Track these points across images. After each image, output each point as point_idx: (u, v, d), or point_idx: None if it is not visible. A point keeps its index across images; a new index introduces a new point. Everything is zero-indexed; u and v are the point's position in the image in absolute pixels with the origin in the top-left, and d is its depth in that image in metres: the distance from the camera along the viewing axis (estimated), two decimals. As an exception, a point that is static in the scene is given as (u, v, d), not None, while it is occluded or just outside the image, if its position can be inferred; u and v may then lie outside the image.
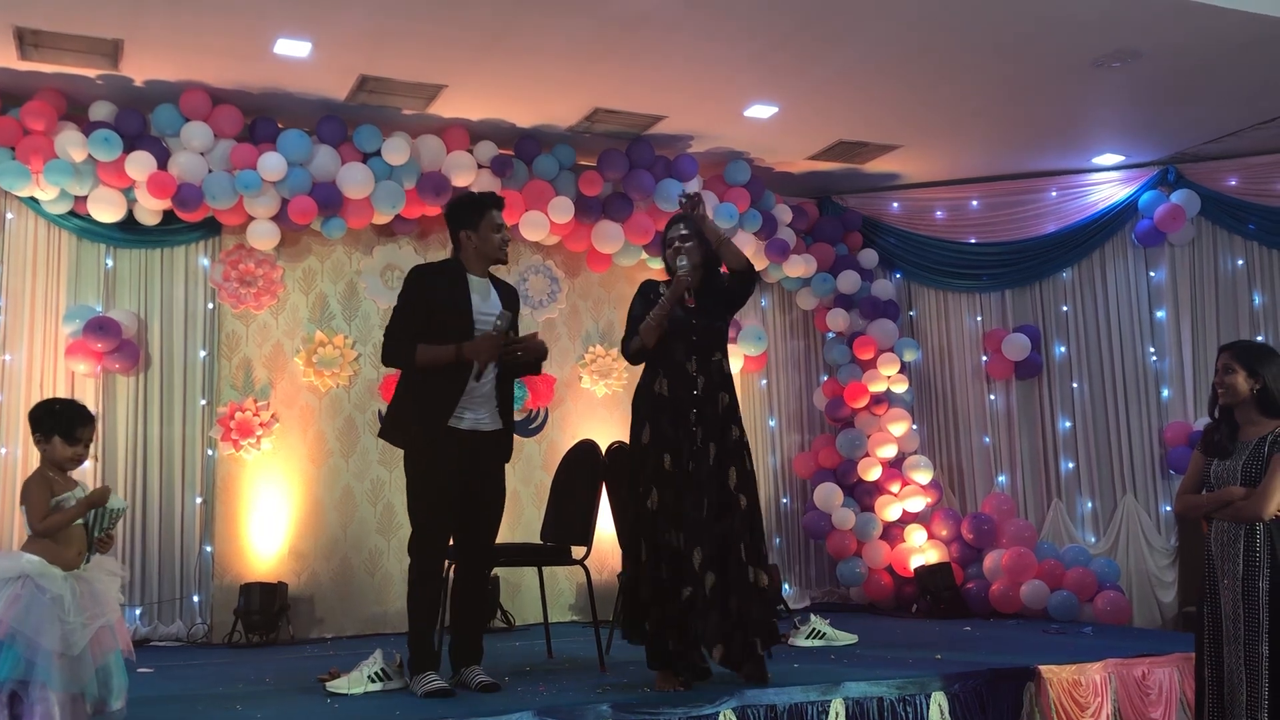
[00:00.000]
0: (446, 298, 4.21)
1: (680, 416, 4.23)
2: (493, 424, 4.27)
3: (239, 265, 6.57)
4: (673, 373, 4.28)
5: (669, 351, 4.29)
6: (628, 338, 4.39)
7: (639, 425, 4.31)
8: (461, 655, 4.28)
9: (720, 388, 4.32)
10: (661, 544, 4.15)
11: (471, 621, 4.35)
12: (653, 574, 4.15)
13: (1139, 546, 7.27)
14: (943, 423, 7.97)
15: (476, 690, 4.13)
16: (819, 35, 5.52)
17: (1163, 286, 7.47)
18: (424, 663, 4.15)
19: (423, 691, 4.04)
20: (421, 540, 4.18)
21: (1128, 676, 4.83)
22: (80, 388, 6.22)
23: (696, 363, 4.29)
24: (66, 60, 5.64)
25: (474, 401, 4.19)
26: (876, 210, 8.16)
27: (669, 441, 4.21)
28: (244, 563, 6.40)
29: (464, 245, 4.31)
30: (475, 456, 4.20)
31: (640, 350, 4.32)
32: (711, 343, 4.37)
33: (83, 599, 3.33)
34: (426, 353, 4.13)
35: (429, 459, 4.16)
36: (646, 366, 4.37)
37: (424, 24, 5.32)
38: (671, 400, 4.25)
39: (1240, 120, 6.76)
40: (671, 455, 4.20)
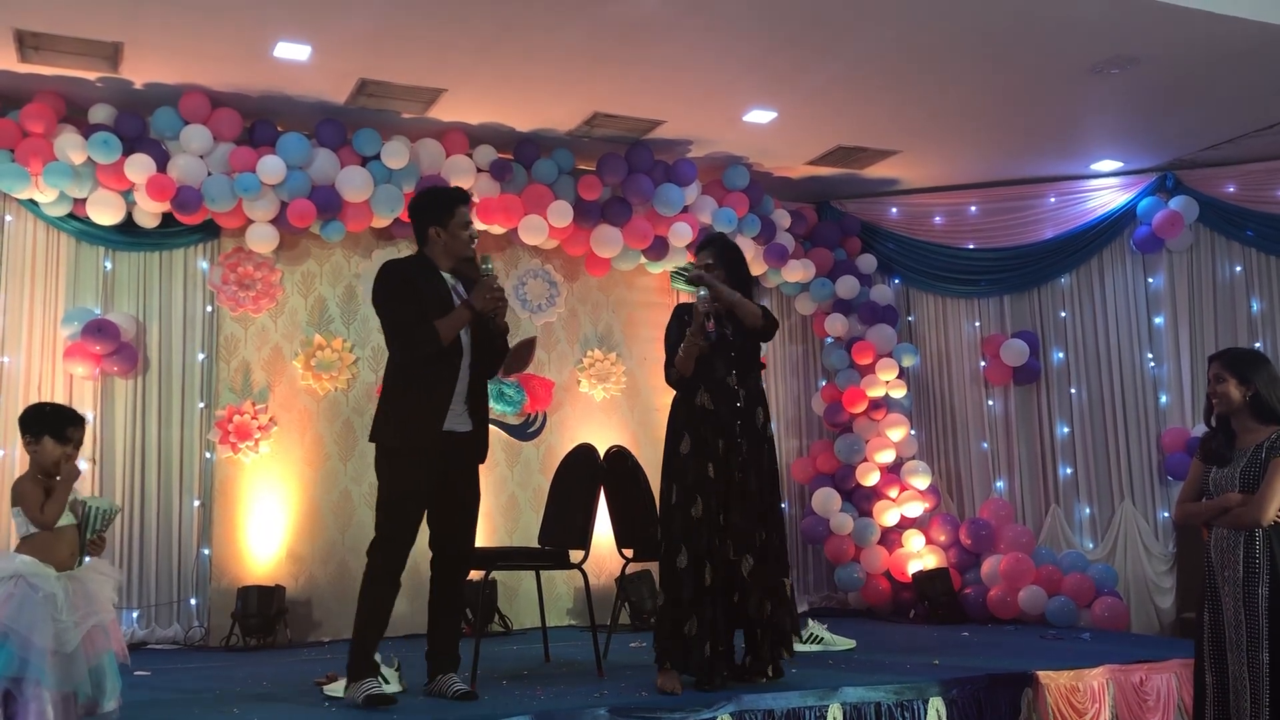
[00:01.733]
0: (429, 291, 4.13)
1: (725, 428, 4.38)
2: (467, 425, 4.17)
3: (238, 268, 6.57)
4: (715, 387, 4.42)
5: (710, 368, 4.43)
6: (668, 365, 4.54)
7: (677, 436, 4.44)
8: (438, 662, 4.22)
9: (759, 402, 4.52)
10: (704, 551, 4.26)
11: (447, 628, 4.27)
12: (695, 580, 4.24)
13: (1137, 552, 7.27)
14: (941, 428, 7.97)
15: (452, 699, 4.06)
16: (817, 40, 5.53)
17: (1161, 293, 7.47)
18: (364, 669, 4.05)
19: (364, 698, 3.94)
20: (386, 544, 4.08)
21: (1125, 682, 4.83)
22: (78, 390, 6.22)
23: (737, 377, 4.46)
24: (66, 63, 5.64)
25: (453, 399, 4.13)
26: (875, 215, 8.16)
27: (713, 452, 4.33)
28: (241, 566, 6.39)
29: (432, 241, 4.21)
30: (450, 459, 4.13)
31: (681, 379, 4.48)
32: (750, 358, 4.54)
33: (76, 598, 3.33)
34: (445, 325, 4.05)
35: (411, 462, 4.07)
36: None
37: (423, 28, 5.33)
38: (715, 413, 4.39)
39: (1238, 127, 6.77)
40: (715, 465, 4.33)
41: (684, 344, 4.39)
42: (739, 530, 4.29)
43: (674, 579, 4.30)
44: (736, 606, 4.31)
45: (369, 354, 6.83)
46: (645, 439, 7.36)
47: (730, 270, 4.57)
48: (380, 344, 6.83)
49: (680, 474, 4.37)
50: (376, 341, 6.84)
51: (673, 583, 4.30)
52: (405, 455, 4.08)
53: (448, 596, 4.27)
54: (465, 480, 4.23)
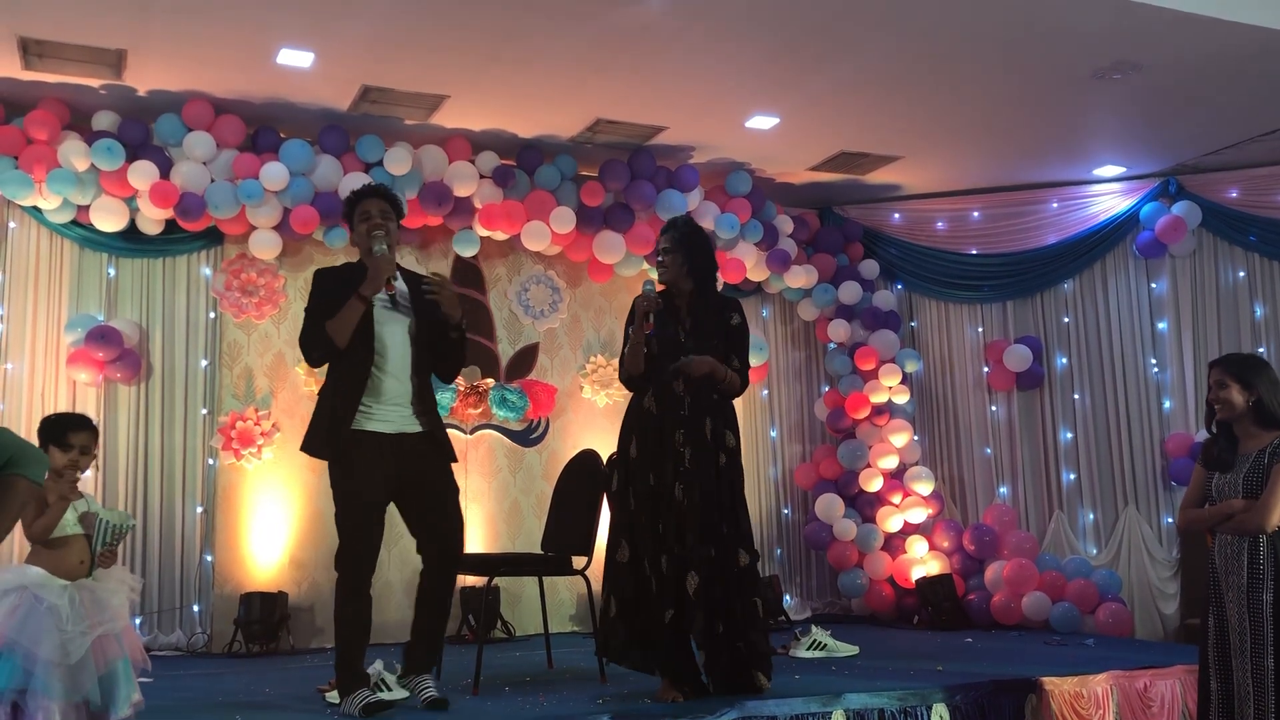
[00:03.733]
0: (341, 294, 3.98)
1: (666, 435, 4.21)
2: (420, 425, 4.05)
3: (241, 275, 6.57)
4: (660, 391, 4.25)
5: (659, 369, 4.26)
6: (620, 362, 4.38)
7: (626, 438, 4.33)
8: (412, 660, 4.11)
9: (711, 412, 4.25)
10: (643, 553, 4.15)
11: (426, 627, 4.13)
12: (634, 575, 4.15)
13: (1141, 558, 7.26)
14: (944, 434, 7.96)
15: (423, 707, 3.96)
16: (819, 47, 5.53)
17: (1164, 298, 7.47)
18: (352, 683, 3.98)
19: (360, 709, 3.87)
20: (344, 555, 3.98)
21: (1130, 688, 4.82)
22: (82, 397, 6.23)
23: (684, 382, 4.25)
24: (70, 70, 5.66)
25: (388, 402, 4.00)
26: (878, 221, 8.16)
27: (654, 460, 4.20)
28: (244, 572, 6.39)
29: (356, 247, 4.20)
30: (407, 460, 4.00)
31: (630, 378, 4.32)
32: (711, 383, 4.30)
33: (85, 607, 3.33)
34: (333, 321, 3.93)
35: (345, 468, 3.98)
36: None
37: (426, 35, 5.34)
38: (658, 417, 4.23)
39: (1241, 132, 6.77)
40: (655, 474, 4.19)
41: (629, 342, 4.26)
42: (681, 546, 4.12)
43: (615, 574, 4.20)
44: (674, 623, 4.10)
45: (372, 360, 6.82)
46: (648, 445, 7.36)
47: (690, 257, 4.32)
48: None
49: (627, 478, 4.24)
50: (379, 348, 6.85)
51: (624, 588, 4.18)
52: (347, 461, 3.98)
53: (430, 594, 4.12)
54: (433, 478, 4.07)
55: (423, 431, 4.07)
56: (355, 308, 3.94)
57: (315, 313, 4.03)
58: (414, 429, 4.05)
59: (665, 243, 4.34)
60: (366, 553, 4.01)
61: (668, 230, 4.38)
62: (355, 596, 4.01)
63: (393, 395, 4.02)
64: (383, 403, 4.00)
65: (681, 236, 4.33)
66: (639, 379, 4.30)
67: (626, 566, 4.19)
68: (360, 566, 4.00)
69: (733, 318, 4.38)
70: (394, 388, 4.03)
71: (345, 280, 4.04)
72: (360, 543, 3.99)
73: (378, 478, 3.98)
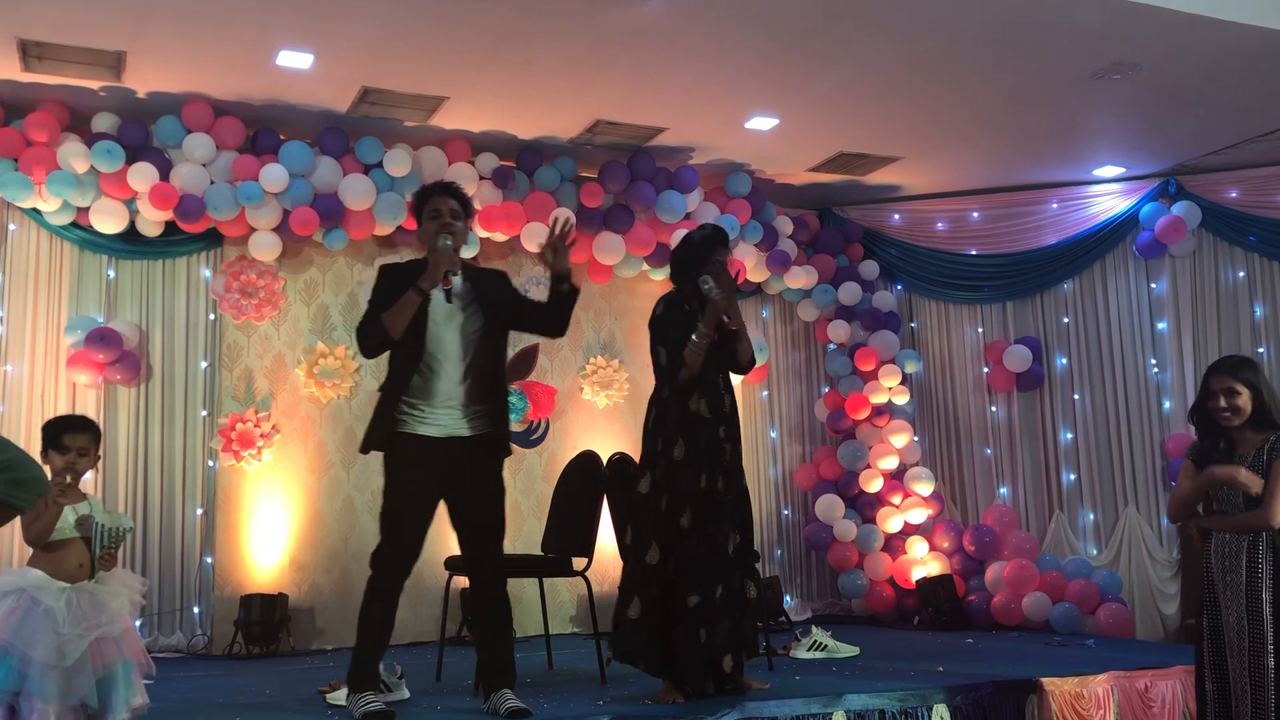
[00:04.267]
0: (402, 291, 3.93)
1: (714, 435, 4.29)
2: (471, 428, 3.99)
3: (240, 276, 6.58)
4: (708, 391, 4.31)
5: (703, 370, 4.30)
6: (675, 366, 4.29)
7: (669, 442, 4.26)
8: (487, 678, 4.06)
9: (734, 404, 4.45)
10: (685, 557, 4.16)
11: (490, 641, 4.07)
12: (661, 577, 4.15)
13: (1141, 559, 7.26)
14: (944, 434, 7.96)
15: (504, 716, 3.87)
16: (819, 47, 5.53)
17: (1164, 298, 7.47)
18: (362, 683, 3.95)
19: (360, 713, 3.85)
20: (379, 554, 3.95)
21: (1130, 689, 4.82)
22: (81, 399, 6.23)
23: (723, 381, 4.40)
24: (69, 72, 5.66)
25: (439, 404, 3.95)
26: (877, 222, 8.17)
27: (705, 461, 4.24)
28: (244, 574, 6.39)
29: (422, 242, 4.15)
30: (455, 465, 3.96)
31: (686, 379, 4.28)
32: (730, 360, 4.45)
33: (84, 610, 3.33)
34: (389, 312, 3.90)
35: (394, 472, 3.97)
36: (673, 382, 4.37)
37: (426, 36, 5.34)
38: (710, 420, 4.28)
39: (1240, 132, 6.77)
40: (708, 475, 4.23)
41: (696, 340, 4.23)
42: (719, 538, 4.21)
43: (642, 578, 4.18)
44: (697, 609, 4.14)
45: (371, 362, 6.81)
46: (648, 446, 7.36)
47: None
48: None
49: (673, 481, 4.21)
50: (379, 349, 6.85)
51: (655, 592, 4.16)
52: (393, 461, 3.98)
53: (484, 609, 4.09)
54: (476, 488, 4.02)
55: (472, 436, 4.00)
56: (411, 300, 3.91)
57: (376, 305, 4.00)
58: (463, 433, 3.99)
59: (723, 255, 4.42)
60: (402, 557, 3.97)
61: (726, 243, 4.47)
62: (382, 597, 3.98)
63: (444, 397, 3.97)
64: (433, 405, 3.96)
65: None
66: (689, 381, 4.29)
67: (655, 569, 4.19)
68: (393, 569, 3.97)
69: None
70: (445, 389, 3.97)
71: (410, 275, 4.01)
72: (397, 545, 3.95)
73: (423, 482, 3.94)
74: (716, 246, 4.42)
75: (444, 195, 4.11)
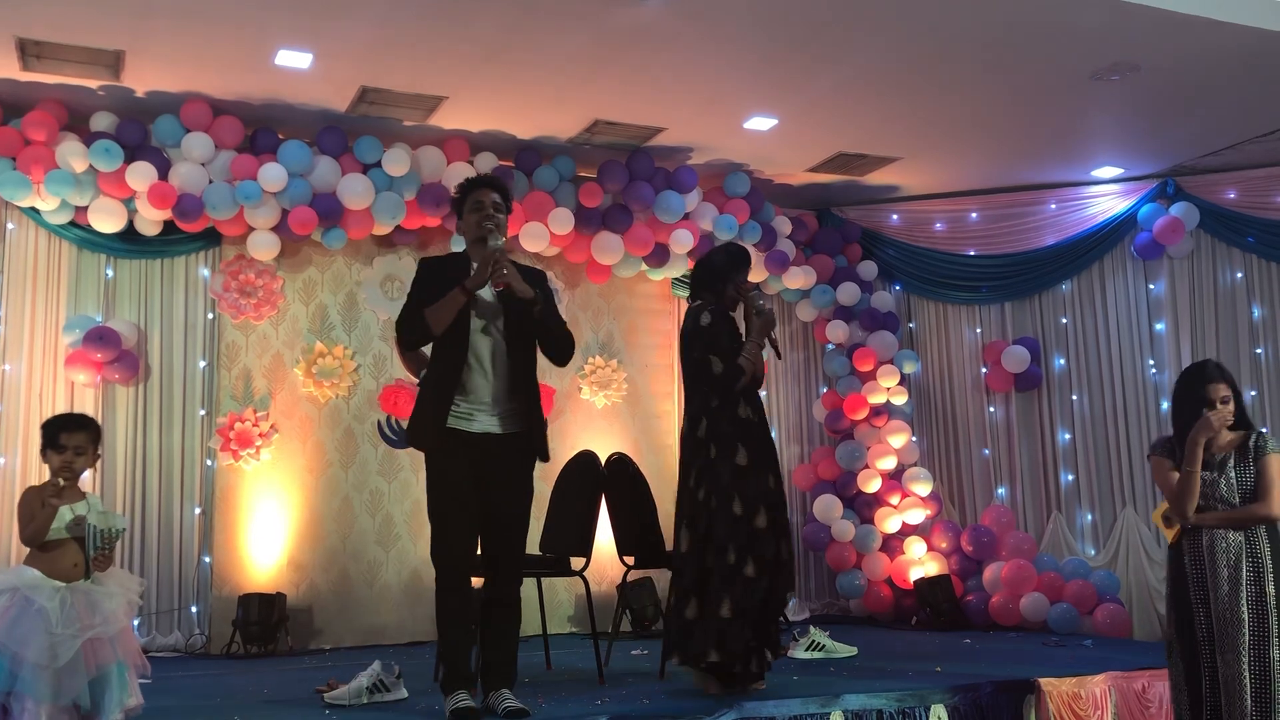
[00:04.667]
0: (441, 286, 3.97)
1: (766, 437, 4.55)
2: (503, 427, 3.99)
3: (239, 276, 6.57)
4: (751, 398, 4.55)
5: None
6: (735, 374, 4.46)
7: (728, 449, 4.39)
8: (487, 677, 4.05)
9: None
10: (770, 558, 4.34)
11: (495, 641, 4.04)
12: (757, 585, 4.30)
13: (1139, 559, 7.26)
14: (942, 435, 7.97)
15: (502, 716, 3.88)
16: (818, 48, 5.53)
17: (1162, 299, 7.47)
18: (450, 681, 3.92)
19: (449, 711, 3.83)
20: (435, 550, 3.97)
21: (1128, 689, 4.82)
22: (80, 398, 6.22)
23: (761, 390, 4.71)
24: (68, 71, 5.65)
25: (475, 401, 3.95)
26: (876, 222, 8.17)
27: (768, 463, 4.46)
28: (242, 573, 6.39)
29: (463, 236, 4.17)
30: (488, 464, 3.95)
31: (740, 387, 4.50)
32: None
33: (78, 610, 3.32)
34: (432, 309, 3.92)
35: (434, 465, 3.99)
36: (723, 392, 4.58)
37: (424, 36, 5.34)
38: (759, 424, 4.53)
39: (1239, 133, 6.77)
40: (774, 476, 4.47)
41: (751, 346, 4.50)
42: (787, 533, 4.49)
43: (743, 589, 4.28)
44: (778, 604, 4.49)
45: (370, 361, 6.83)
46: (646, 446, 7.37)
47: None
48: (381, 351, 6.85)
49: (744, 486, 4.34)
50: (378, 349, 6.85)
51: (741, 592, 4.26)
52: (434, 457, 3.99)
53: (494, 609, 4.05)
54: (506, 487, 4.00)
55: (504, 434, 4.00)
56: (455, 299, 3.92)
57: (416, 300, 4.03)
58: (496, 430, 3.99)
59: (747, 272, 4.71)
60: (459, 548, 3.97)
61: None
62: (451, 592, 3.97)
63: (480, 394, 3.98)
64: (470, 401, 3.97)
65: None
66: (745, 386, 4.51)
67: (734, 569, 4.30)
68: (453, 562, 3.96)
69: None
70: (482, 386, 3.98)
71: (449, 269, 4.04)
72: (450, 538, 3.96)
73: (465, 475, 3.95)
74: (744, 264, 4.68)
75: (486, 188, 4.13)
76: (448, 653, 3.96)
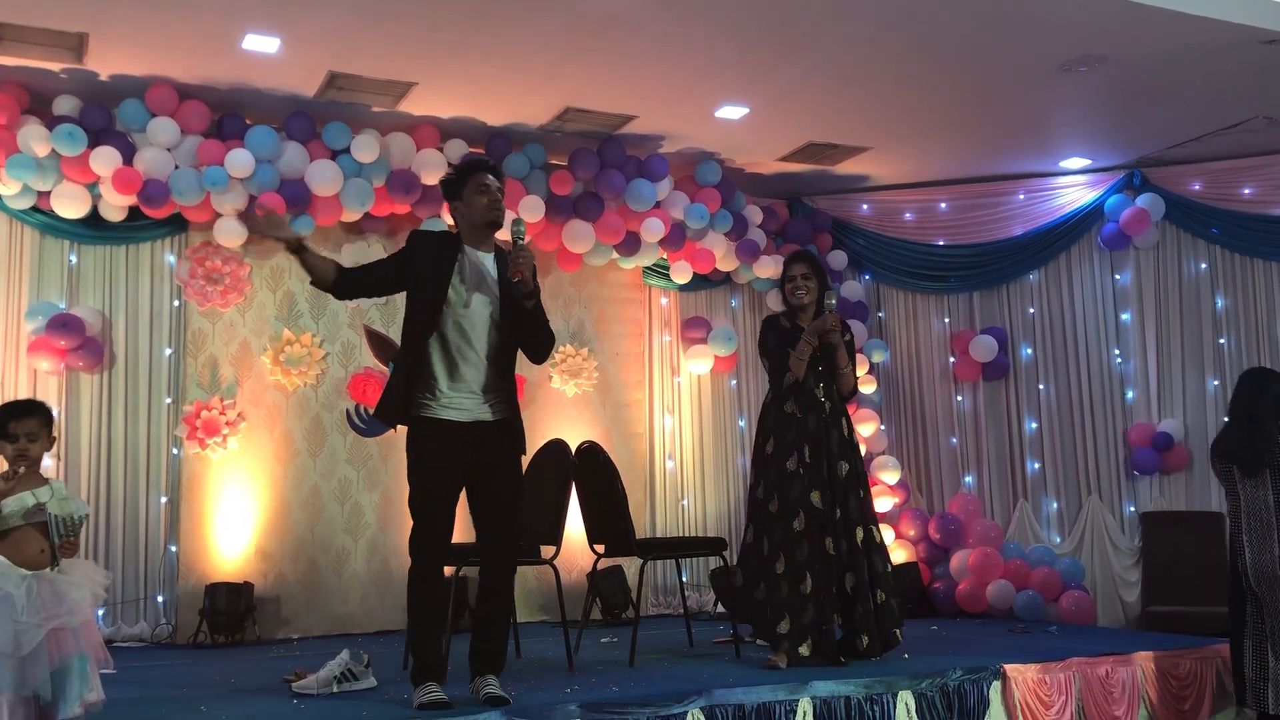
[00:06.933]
0: (429, 263, 3.93)
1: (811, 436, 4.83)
2: (494, 413, 3.94)
3: (205, 262, 6.51)
4: (803, 398, 4.86)
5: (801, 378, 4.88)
6: (777, 374, 4.90)
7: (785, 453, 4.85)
8: (476, 663, 4.01)
9: (843, 413, 5.00)
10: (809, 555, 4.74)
11: (486, 627, 4.02)
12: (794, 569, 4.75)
13: (1103, 547, 7.34)
14: (911, 423, 8.02)
15: (480, 701, 3.85)
16: (790, 37, 5.54)
17: (1128, 289, 7.55)
18: (421, 673, 3.88)
19: (417, 703, 3.80)
20: (416, 541, 3.89)
21: (1091, 675, 4.88)
22: (43, 386, 6.15)
23: (824, 390, 4.92)
24: (30, 53, 5.56)
25: (464, 389, 3.90)
26: (846, 212, 8.19)
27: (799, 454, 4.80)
28: (209, 563, 6.34)
29: (456, 219, 4.11)
30: (480, 450, 3.91)
31: (794, 383, 4.86)
32: (832, 370, 4.94)
33: (42, 599, 3.27)
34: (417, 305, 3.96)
35: (421, 454, 3.92)
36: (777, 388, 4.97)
37: (394, 21, 5.30)
38: (803, 420, 4.84)
39: (1204, 125, 6.84)
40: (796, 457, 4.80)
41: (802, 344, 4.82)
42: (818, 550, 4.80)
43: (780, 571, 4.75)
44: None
45: (338, 349, 6.79)
46: (617, 434, 7.37)
47: (820, 285, 4.98)
48: (350, 339, 6.81)
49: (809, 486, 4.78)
50: (346, 337, 6.81)
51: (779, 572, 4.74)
52: (418, 446, 3.92)
53: (487, 595, 4.03)
54: (498, 473, 3.97)
55: (495, 420, 3.95)
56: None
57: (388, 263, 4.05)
58: (488, 417, 3.94)
59: (803, 269, 4.99)
60: (439, 540, 3.92)
61: (804, 261, 5.03)
62: (425, 583, 3.92)
63: (470, 382, 3.91)
64: (459, 390, 3.90)
65: (816, 268, 5.02)
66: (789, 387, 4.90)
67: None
68: (432, 553, 3.92)
69: (846, 334, 5.01)
70: (472, 374, 3.92)
71: (441, 247, 3.99)
72: (432, 529, 3.90)
73: (451, 466, 3.89)
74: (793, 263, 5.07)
75: (488, 172, 4.07)
76: (420, 643, 3.92)
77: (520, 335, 4.04)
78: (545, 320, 4.10)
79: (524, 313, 3.96)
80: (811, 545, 4.71)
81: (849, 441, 4.96)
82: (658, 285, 7.81)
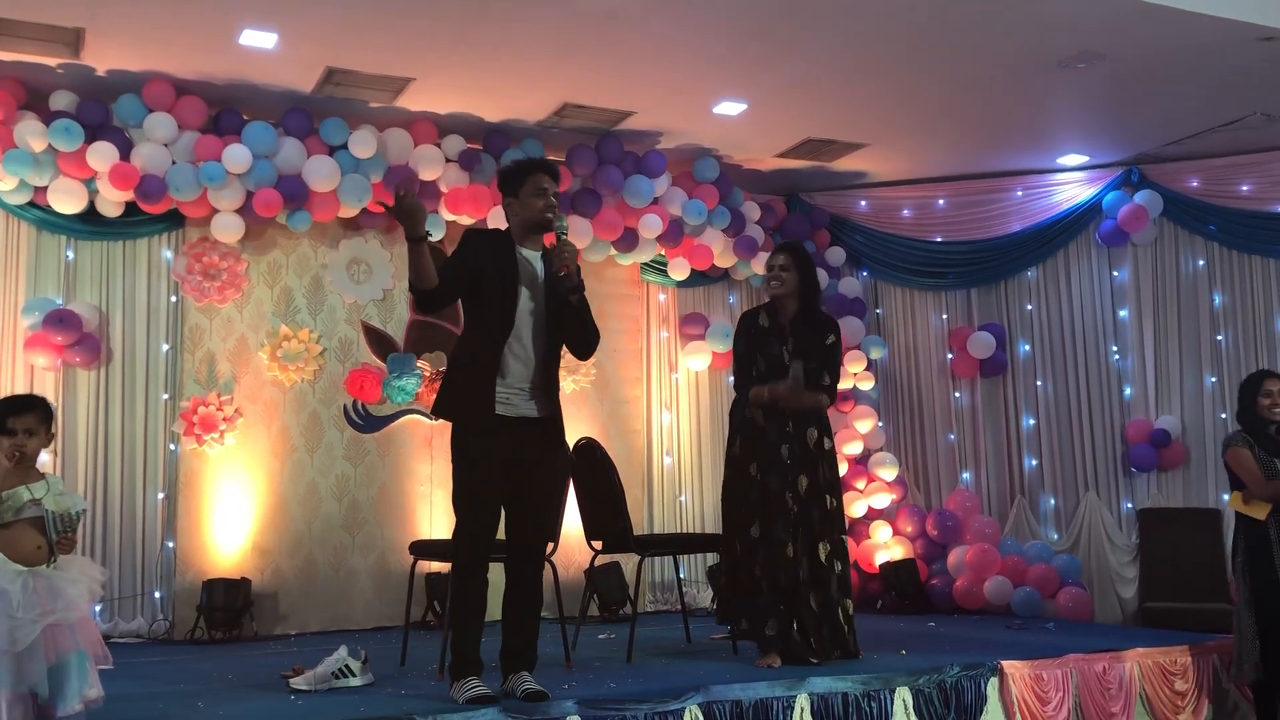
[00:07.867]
0: (492, 263, 3.92)
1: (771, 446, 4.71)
2: (539, 410, 3.96)
3: (203, 258, 6.50)
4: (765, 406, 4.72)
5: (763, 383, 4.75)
6: (740, 379, 4.85)
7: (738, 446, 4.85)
8: (509, 661, 4.03)
9: (812, 422, 4.77)
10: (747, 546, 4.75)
11: (517, 624, 4.04)
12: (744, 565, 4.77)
13: (1101, 543, 7.35)
14: (908, 420, 8.02)
15: (520, 699, 3.87)
16: (788, 33, 5.53)
17: (1125, 286, 7.55)
18: (461, 668, 3.90)
19: (463, 699, 3.80)
20: (460, 535, 3.93)
21: (1089, 672, 4.89)
22: (40, 381, 6.14)
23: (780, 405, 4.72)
24: (27, 49, 5.55)
25: (512, 384, 3.90)
26: (844, 208, 8.19)
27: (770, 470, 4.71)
28: (207, 559, 6.34)
29: (509, 215, 4.08)
30: (524, 446, 3.92)
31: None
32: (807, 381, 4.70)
33: (39, 595, 3.26)
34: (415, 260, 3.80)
35: (473, 449, 3.89)
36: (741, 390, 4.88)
37: (392, 16, 5.29)
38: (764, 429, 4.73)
39: (1202, 122, 6.84)
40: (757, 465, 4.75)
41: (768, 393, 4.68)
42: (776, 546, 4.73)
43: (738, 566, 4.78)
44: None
45: (336, 345, 6.78)
46: (614, 431, 7.37)
47: (802, 278, 4.78)
48: (347, 335, 6.80)
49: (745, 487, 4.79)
50: (343, 333, 6.80)
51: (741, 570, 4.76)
52: (465, 440, 3.91)
53: (516, 592, 4.04)
54: (539, 469, 4.00)
55: (539, 418, 3.97)
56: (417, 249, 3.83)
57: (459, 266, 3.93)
58: (532, 414, 3.95)
59: (782, 261, 4.79)
60: (482, 534, 3.92)
61: (785, 251, 4.85)
62: (468, 577, 3.93)
63: (517, 378, 3.92)
64: (507, 385, 3.91)
65: (798, 259, 4.80)
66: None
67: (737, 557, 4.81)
68: (475, 548, 3.92)
69: (829, 338, 4.80)
70: (519, 370, 3.93)
71: (496, 246, 3.98)
72: (476, 524, 3.91)
73: (495, 460, 3.89)
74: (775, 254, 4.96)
75: (546, 174, 4.04)
76: (462, 639, 3.92)
77: (566, 332, 4.04)
78: (590, 316, 4.09)
79: (569, 309, 3.97)
80: (770, 552, 4.66)
81: (814, 452, 4.75)
82: (655, 281, 7.80)
